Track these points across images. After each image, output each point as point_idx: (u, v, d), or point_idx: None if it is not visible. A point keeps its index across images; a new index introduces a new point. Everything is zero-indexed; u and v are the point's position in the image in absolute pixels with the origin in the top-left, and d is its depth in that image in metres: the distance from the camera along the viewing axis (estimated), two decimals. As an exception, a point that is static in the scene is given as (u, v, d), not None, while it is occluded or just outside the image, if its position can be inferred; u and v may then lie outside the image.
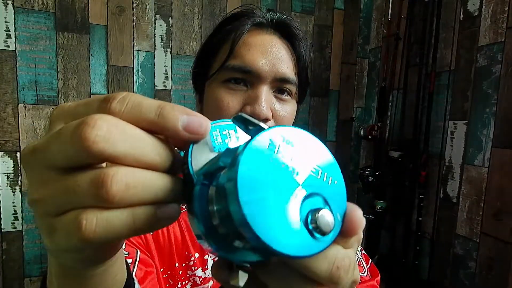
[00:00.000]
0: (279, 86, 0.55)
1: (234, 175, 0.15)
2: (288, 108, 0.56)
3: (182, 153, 0.21)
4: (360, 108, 1.95)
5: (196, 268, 0.57)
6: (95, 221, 0.17)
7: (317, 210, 0.17)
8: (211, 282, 0.58)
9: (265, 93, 0.52)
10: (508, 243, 1.18)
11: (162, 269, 0.56)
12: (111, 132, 0.17)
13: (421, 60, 1.51)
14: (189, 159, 0.19)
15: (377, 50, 1.86)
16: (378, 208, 1.64)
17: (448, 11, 1.43)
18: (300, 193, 0.17)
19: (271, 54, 0.53)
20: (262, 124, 0.18)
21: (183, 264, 0.57)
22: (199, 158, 0.20)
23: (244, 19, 0.55)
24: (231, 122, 0.21)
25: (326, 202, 0.18)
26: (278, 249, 0.16)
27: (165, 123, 0.19)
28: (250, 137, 0.17)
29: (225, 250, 0.19)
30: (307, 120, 1.79)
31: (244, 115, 0.20)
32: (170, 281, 0.56)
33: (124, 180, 0.17)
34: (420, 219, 1.51)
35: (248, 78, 0.53)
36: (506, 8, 1.20)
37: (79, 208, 0.17)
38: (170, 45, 1.52)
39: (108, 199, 0.17)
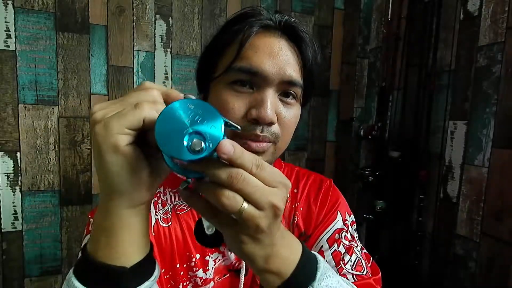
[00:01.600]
0: (285, 89, 0.54)
1: (158, 118, 0.32)
2: (292, 111, 0.56)
3: None
4: (360, 108, 1.95)
5: (197, 269, 0.57)
6: (109, 116, 0.34)
7: (194, 138, 0.30)
8: (212, 283, 0.58)
9: (270, 96, 0.52)
10: (508, 243, 1.18)
11: (163, 270, 0.56)
12: (155, 87, 0.36)
13: (421, 60, 1.51)
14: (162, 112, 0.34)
15: (377, 50, 1.86)
16: (378, 208, 1.64)
17: (448, 11, 1.43)
18: (189, 130, 0.31)
19: (278, 57, 0.53)
20: (192, 97, 0.34)
21: (184, 265, 0.57)
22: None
23: (252, 20, 0.55)
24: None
25: (203, 137, 0.31)
26: (171, 154, 0.31)
27: (170, 92, 0.36)
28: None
29: (173, 169, 0.35)
30: (307, 120, 1.79)
31: (187, 95, 0.34)
32: (172, 281, 0.56)
33: (149, 106, 0.34)
34: (420, 219, 1.51)
35: (255, 80, 0.52)
36: (506, 8, 1.20)
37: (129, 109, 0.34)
38: (170, 45, 1.52)
39: (139, 107, 0.34)
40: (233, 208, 0.31)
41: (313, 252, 0.43)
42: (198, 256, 0.58)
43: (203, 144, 0.30)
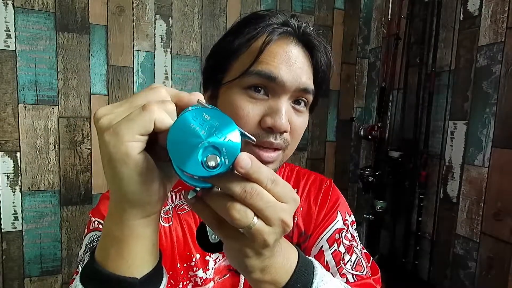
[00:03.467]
0: (298, 96, 0.54)
1: (170, 129, 0.30)
2: (302, 119, 0.56)
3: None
4: (360, 108, 1.95)
5: (197, 268, 0.57)
6: (118, 121, 0.31)
7: (209, 153, 0.28)
8: (212, 283, 0.58)
9: (285, 104, 0.52)
10: (508, 243, 1.18)
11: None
12: (163, 91, 0.33)
13: (421, 60, 1.51)
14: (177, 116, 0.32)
15: (377, 50, 1.86)
16: (378, 208, 1.64)
17: (448, 11, 1.43)
18: (204, 144, 0.29)
19: (295, 65, 0.52)
20: (206, 105, 0.32)
21: (185, 265, 0.57)
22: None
23: (270, 24, 0.54)
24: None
25: (219, 151, 0.29)
26: (176, 164, 0.29)
27: (182, 96, 0.33)
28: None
29: (183, 178, 0.31)
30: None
31: (201, 101, 0.33)
32: (172, 281, 0.56)
33: (160, 110, 0.31)
34: (420, 219, 1.51)
35: (271, 87, 0.51)
36: (506, 8, 1.20)
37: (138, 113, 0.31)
38: (170, 45, 1.52)
39: (147, 112, 0.31)
40: (243, 223, 0.30)
41: (309, 258, 0.43)
42: (198, 256, 0.58)
43: (218, 160, 0.28)
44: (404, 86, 1.61)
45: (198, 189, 0.33)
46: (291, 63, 0.52)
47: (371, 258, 0.66)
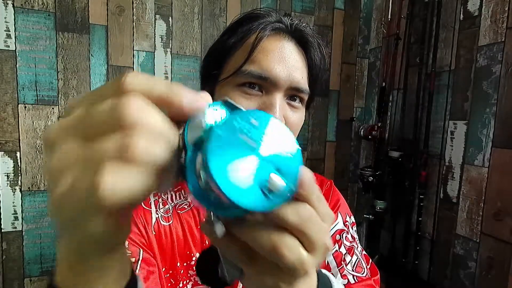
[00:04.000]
0: (292, 94, 0.55)
1: (208, 144, 0.20)
2: (298, 115, 0.57)
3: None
4: (360, 108, 1.95)
5: (197, 268, 0.57)
6: (112, 180, 0.18)
7: (270, 175, 0.21)
8: (212, 282, 0.58)
9: (279, 101, 0.52)
10: (508, 243, 1.18)
11: (164, 269, 0.56)
12: (142, 109, 0.20)
13: (421, 60, 1.51)
14: (186, 130, 0.23)
15: (377, 50, 1.86)
16: (378, 208, 1.64)
17: (448, 11, 1.43)
18: (259, 161, 0.21)
19: (288, 62, 0.53)
20: (240, 107, 0.24)
21: (185, 264, 0.57)
22: (194, 132, 0.23)
23: (263, 22, 0.54)
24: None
25: (280, 170, 0.22)
26: (237, 203, 0.20)
27: (174, 96, 0.22)
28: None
29: (209, 206, 0.23)
30: (307, 120, 1.79)
31: (228, 99, 0.24)
32: (172, 280, 0.56)
33: (145, 144, 0.19)
34: (420, 219, 1.51)
35: (264, 85, 0.52)
36: (506, 8, 1.20)
37: (99, 170, 0.19)
38: (170, 45, 1.52)
39: (132, 158, 0.19)
40: (292, 260, 0.24)
41: (325, 273, 0.41)
42: (198, 255, 0.58)
43: (283, 182, 0.21)
44: (404, 86, 1.61)
45: (218, 218, 0.24)
46: (284, 60, 0.52)
47: (370, 260, 0.66)
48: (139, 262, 0.50)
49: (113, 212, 0.20)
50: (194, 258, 0.58)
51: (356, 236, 0.67)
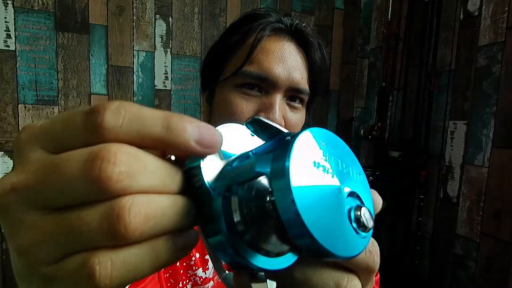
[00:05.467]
0: (292, 95, 0.55)
1: (286, 179, 0.15)
2: (298, 116, 0.57)
3: None
4: (360, 108, 1.95)
5: (196, 268, 0.57)
6: (110, 264, 0.14)
7: (358, 208, 0.17)
8: (211, 283, 0.58)
9: (279, 101, 0.52)
10: (508, 243, 1.18)
11: (163, 269, 0.56)
12: (133, 167, 0.14)
13: (421, 60, 1.51)
14: (201, 171, 0.17)
15: (377, 50, 1.86)
16: (378, 208, 1.64)
17: (448, 11, 1.43)
18: (341, 192, 0.17)
19: (288, 62, 0.53)
20: (281, 128, 0.19)
21: (184, 264, 0.57)
22: (209, 168, 0.18)
23: (263, 22, 0.54)
24: (240, 125, 0.21)
25: (360, 198, 0.18)
26: (329, 248, 0.15)
27: (175, 138, 0.16)
28: (263, 141, 0.18)
29: (250, 259, 0.18)
30: (307, 120, 1.78)
31: (261, 118, 0.20)
32: (171, 280, 0.56)
33: (143, 211, 0.14)
34: (420, 219, 1.51)
35: (264, 85, 0.52)
36: (506, 8, 1.20)
37: (85, 251, 0.15)
38: (170, 45, 1.52)
39: (127, 236, 0.14)
40: None
41: None
42: (197, 255, 0.58)
43: (370, 213, 0.18)
44: (404, 86, 1.61)
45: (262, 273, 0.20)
46: (284, 60, 0.52)
47: None
48: None
49: None
50: (193, 258, 0.58)
51: None
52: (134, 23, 1.45)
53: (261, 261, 0.18)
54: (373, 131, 1.70)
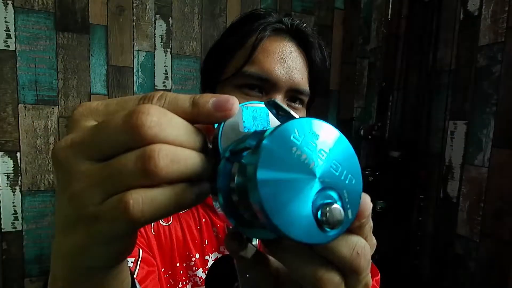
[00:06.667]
0: (292, 96, 0.55)
1: (256, 158, 0.17)
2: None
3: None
4: (360, 108, 1.95)
5: (196, 268, 0.57)
6: (141, 200, 0.18)
7: (329, 204, 0.18)
8: (211, 282, 0.58)
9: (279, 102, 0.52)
10: (508, 243, 1.18)
11: (163, 269, 0.56)
12: (161, 119, 0.18)
13: (421, 60, 1.51)
14: (219, 135, 0.21)
15: (377, 50, 1.86)
16: (378, 208, 1.64)
17: (448, 11, 1.43)
18: (316, 185, 0.18)
19: (288, 63, 0.53)
20: (292, 113, 0.20)
21: (184, 264, 0.57)
22: (229, 135, 0.21)
23: (263, 22, 0.54)
24: (262, 105, 0.23)
25: (340, 198, 0.18)
26: (285, 232, 0.17)
27: (198, 108, 0.20)
28: (279, 123, 0.19)
29: (240, 224, 0.20)
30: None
31: (277, 101, 0.21)
32: (171, 280, 0.56)
33: (170, 155, 0.18)
34: (420, 219, 1.51)
35: (264, 86, 0.52)
36: (506, 8, 1.20)
37: (121, 192, 0.18)
38: (170, 45, 1.52)
39: (156, 173, 0.17)
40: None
41: None
42: (197, 255, 0.58)
43: (343, 213, 0.18)
44: (404, 86, 1.61)
45: (255, 243, 0.22)
46: (284, 61, 0.52)
47: (371, 260, 0.66)
48: (139, 262, 0.50)
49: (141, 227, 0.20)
50: (193, 259, 0.58)
51: None
52: (134, 23, 1.45)
53: (248, 228, 0.20)
54: (373, 131, 1.69)
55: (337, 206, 0.18)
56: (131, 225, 0.18)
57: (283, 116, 0.21)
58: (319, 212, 0.17)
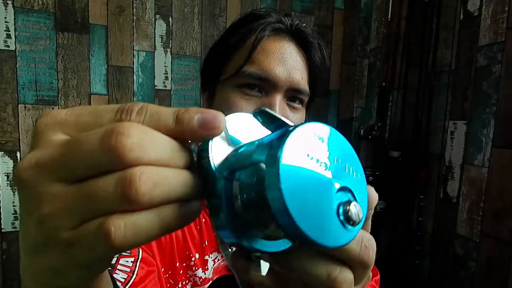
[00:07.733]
0: (292, 95, 0.55)
1: (275, 171, 0.16)
2: (298, 116, 0.57)
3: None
4: (360, 108, 1.95)
5: (196, 268, 0.57)
6: (123, 225, 0.16)
7: (348, 202, 0.18)
8: (211, 283, 0.58)
9: (279, 101, 0.52)
10: (508, 243, 1.18)
11: (163, 269, 0.56)
12: (143, 139, 0.17)
13: (421, 60, 1.51)
14: (209, 154, 0.19)
15: (377, 50, 1.86)
16: (378, 208, 1.64)
17: (448, 11, 1.43)
18: (333, 186, 0.18)
19: (288, 63, 0.53)
20: (286, 120, 0.20)
21: (184, 264, 0.57)
22: (217, 152, 0.20)
23: (263, 23, 0.54)
24: (248, 114, 0.23)
25: (353, 194, 0.19)
26: (314, 238, 0.16)
27: (182, 125, 0.18)
28: (270, 131, 0.19)
29: (247, 240, 0.19)
30: (307, 120, 1.78)
31: (267, 109, 0.21)
32: (171, 280, 0.56)
33: (151, 179, 0.16)
34: (420, 219, 1.51)
35: (264, 85, 0.52)
36: (506, 8, 1.20)
37: (101, 216, 0.16)
38: (170, 45, 1.52)
39: (137, 199, 0.16)
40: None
41: None
42: (197, 255, 0.58)
43: (360, 209, 0.18)
44: (404, 86, 1.61)
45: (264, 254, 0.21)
46: (284, 61, 0.53)
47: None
48: (138, 261, 0.50)
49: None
50: (193, 259, 0.58)
51: None
52: (134, 23, 1.45)
53: (256, 243, 0.20)
54: (373, 131, 1.69)
55: (355, 203, 0.18)
56: (112, 251, 0.17)
57: (275, 124, 0.20)
58: (341, 212, 0.18)
